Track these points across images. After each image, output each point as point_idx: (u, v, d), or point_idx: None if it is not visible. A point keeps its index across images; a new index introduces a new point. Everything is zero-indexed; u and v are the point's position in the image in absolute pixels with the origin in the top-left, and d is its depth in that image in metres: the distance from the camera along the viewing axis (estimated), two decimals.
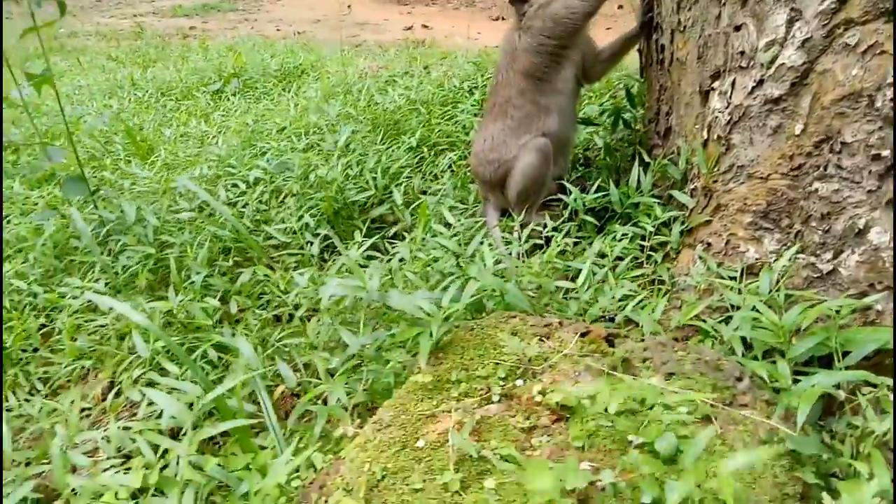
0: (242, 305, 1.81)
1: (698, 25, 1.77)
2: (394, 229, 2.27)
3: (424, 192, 2.53)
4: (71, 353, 1.71)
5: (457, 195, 2.51)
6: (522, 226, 2.16)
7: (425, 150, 2.92)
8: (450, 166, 2.67)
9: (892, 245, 1.27)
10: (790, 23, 1.44)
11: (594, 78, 2.32)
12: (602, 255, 1.87)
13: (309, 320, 1.71)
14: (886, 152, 1.26)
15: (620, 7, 10.61)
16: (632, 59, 2.61)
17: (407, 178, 2.59)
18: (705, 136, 1.73)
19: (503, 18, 10.56)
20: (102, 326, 1.80)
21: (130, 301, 1.77)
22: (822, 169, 1.39)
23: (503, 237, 2.22)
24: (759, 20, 1.53)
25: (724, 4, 1.64)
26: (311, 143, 3.00)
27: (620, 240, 1.88)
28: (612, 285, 1.69)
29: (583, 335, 1.27)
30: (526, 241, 1.99)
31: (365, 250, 1.93)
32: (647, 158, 2.11)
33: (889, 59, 1.27)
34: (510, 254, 1.99)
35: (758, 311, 1.26)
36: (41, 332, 1.90)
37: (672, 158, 1.99)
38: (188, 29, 10.99)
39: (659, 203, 1.94)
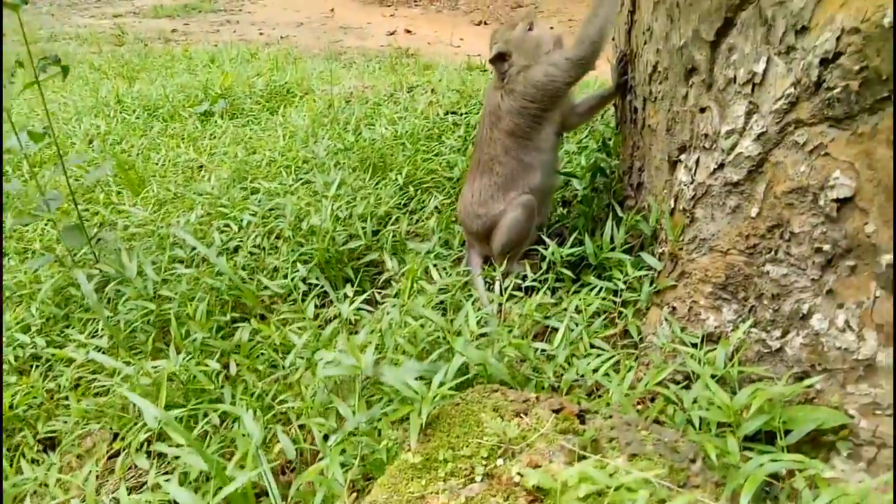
0: (241, 364, 1.92)
1: (667, 100, 1.90)
2: (383, 276, 2.39)
3: (412, 234, 2.65)
4: (77, 413, 1.82)
5: (442, 237, 2.64)
6: (504, 275, 2.30)
7: (412, 189, 3.03)
8: (436, 207, 2.78)
9: (831, 331, 1.41)
10: (748, 114, 1.58)
11: (570, 129, 2.43)
12: (577, 311, 2.00)
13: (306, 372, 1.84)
14: (827, 247, 1.40)
15: None
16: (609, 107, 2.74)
17: (395, 222, 2.70)
18: (672, 205, 1.86)
19: (486, 23, 10.65)
20: (106, 384, 1.91)
21: (133, 362, 1.88)
22: (773, 252, 1.53)
23: (486, 282, 2.35)
24: (721, 107, 1.66)
25: (692, 86, 1.77)
26: (302, 181, 3.09)
27: (597, 294, 2.01)
28: (586, 345, 1.83)
29: (557, 411, 1.40)
30: (506, 292, 2.12)
31: (356, 305, 2.05)
32: (620, 213, 2.24)
33: (832, 161, 1.40)
34: (493, 308, 2.12)
35: (712, 390, 1.40)
36: (45, 387, 1.99)
37: (644, 214, 2.13)
38: (170, 32, 10.96)
39: (631, 258, 2.07)
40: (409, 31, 10.24)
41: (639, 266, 2.00)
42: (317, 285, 2.34)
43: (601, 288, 2.04)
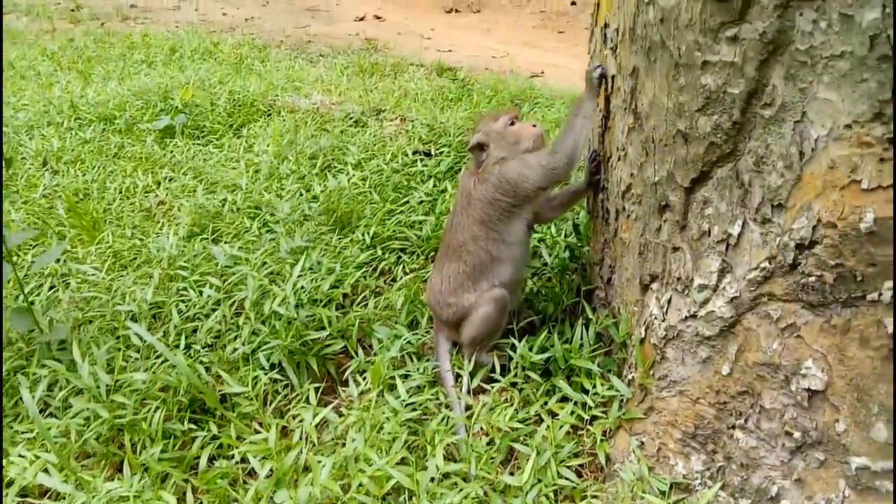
0: (199, 494, 1.86)
1: (640, 223, 1.86)
2: (350, 367, 2.33)
3: (381, 309, 2.59)
4: None
5: (409, 313, 2.59)
6: (474, 366, 2.27)
7: (379, 250, 2.96)
8: (402, 281, 2.72)
9: None
10: (722, 272, 1.55)
11: (543, 223, 2.38)
12: (552, 414, 1.99)
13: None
14: (797, 434, 1.39)
15: (574, 3, 10.61)
16: None
17: (362, 300, 2.64)
18: (643, 334, 1.84)
19: (457, 11, 10.41)
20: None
21: (84, 484, 1.81)
22: (743, 420, 1.52)
23: (455, 374, 2.31)
24: (695, 255, 1.62)
25: (665, 222, 1.73)
26: (266, 237, 3.00)
27: (568, 413, 1.99)
28: (553, 474, 1.82)
29: None
30: (473, 391, 2.11)
31: (320, 418, 2.00)
32: (589, 313, 2.21)
33: (805, 346, 1.38)
34: (462, 407, 2.11)
35: None
36: None
37: (615, 320, 2.11)
38: (128, 8, 10.47)
39: (600, 370, 2.06)
40: (378, 17, 9.96)
41: (608, 386, 1.98)
42: (279, 379, 2.28)
43: (572, 401, 2.02)
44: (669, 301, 1.71)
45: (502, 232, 2.25)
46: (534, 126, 2.27)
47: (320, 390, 2.26)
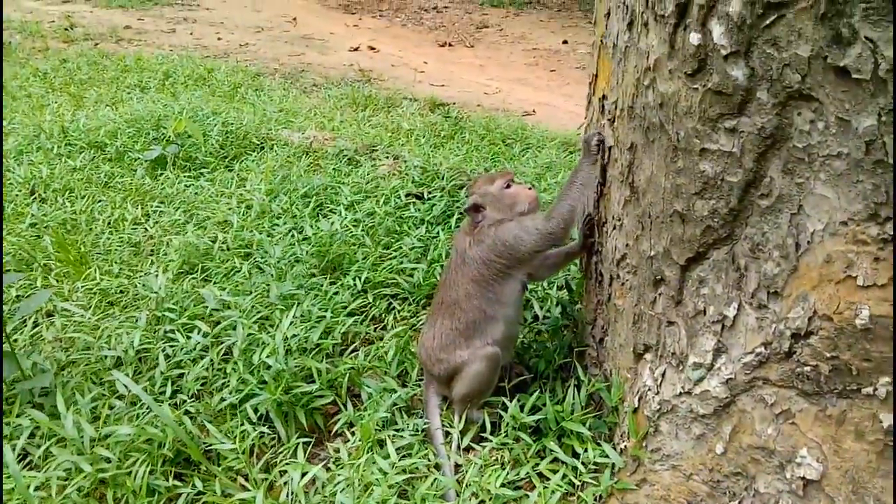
0: None
1: (635, 293, 1.88)
2: (339, 422, 2.31)
3: (371, 358, 2.58)
4: None
5: (399, 363, 2.58)
6: (465, 423, 2.26)
7: (370, 296, 2.95)
8: (394, 330, 2.72)
9: None
10: (717, 352, 1.57)
11: (538, 281, 2.40)
12: (543, 477, 1.99)
13: None
14: None
15: (565, 42, 10.80)
16: None
17: (352, 352, 2.63)
18: (636, 404, 1.85)
19: (450, 45, 10.54)
20: None
21: None
22: (738, 502, 1.52)
23: (445, 431, 2.30)
24: (689, 330, 1.64)
25: (660, 295, 1.75)
26: (255, 281, 2.98)
27: (560, 478, 1.98)
28: None
29: None
30: (464, 444, 2.11)
31: (308, 478, 1.97)
32: (581, 374, 2.22)
33: (800, 434, 1.40)
34: (451, 468, 2.09)
35: None
36: None
37: (607, 383, 2.11)
38: (122, 29, 10.48)
39: (591, 433, 2.06)
40: (372, 48, 10.06)
41: (600, 452, 1.98)
42: (266, 432, 2.25)
43: (563, 465, 2.02)
44: (664, 375, 1.72)
45: (497, 292, 2.26)
46: (530, 188, 2.30)
47: (310, 445, 2.24)
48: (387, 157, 4.51)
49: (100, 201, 4.01)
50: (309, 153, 4.79)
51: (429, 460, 2.16)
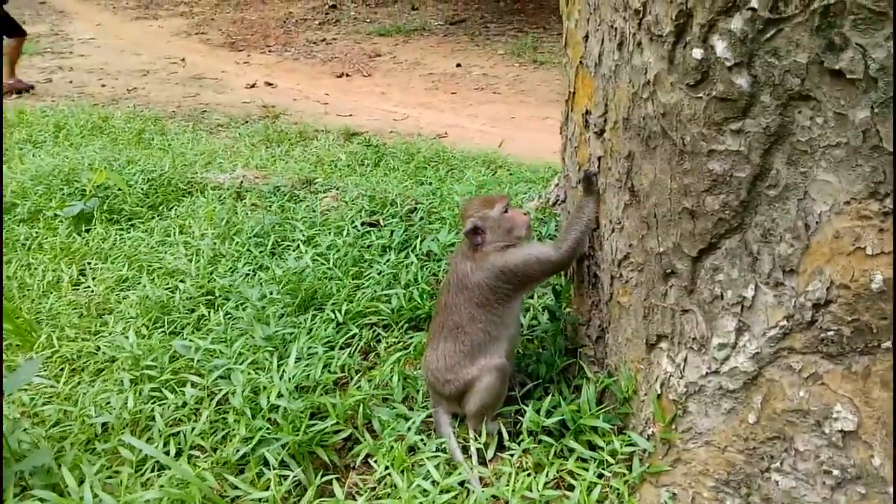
0: None
1: (642, 289, 2.03)
2: (360, 454, 2.31)
3: (374, 387, 2.58)
4: None
5: (404, 390, 2.60)
6: (481, 436, 2.32)
7: (354, 327, 2.95)
8: (394, 357, 2.74)
9: None
10: (739, 331, 1.73)
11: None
12: (572, 475, 2.08)
13: None
14: (836, 472, 1.58)
15: (458, 66, 11.14)
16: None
17: (356, 382, 2.63)
18: (658, 391, 1.99)
19: (347, 75, 10.59)
20: None
21: None
22: (778, 463, 1.69)
23: (460, 444, 2.35)
24: (707, 315, 1.80)
25: (672, 287, 1.91)
26: (236, 329, 2.90)
27: (586, 467, 2.09)
28: None
29: None
30: (489, 456, 2.17)
31: None
32: (588, 372, 2.35)
33: (830, 392, 1.59)
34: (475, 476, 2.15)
35: None
36: None
37: (614, 377, 2.25)
38: None
39: (610, 426, 2.18)
40: (269, 84, 9.93)
41: (627, 441, 2.10)
42: (285, 475, 2.21)
43: (591, 461, 2.12)
44: (686, 359, 1.88)
45: (501, 314, 2.35)
46: (525, 214, 2.43)
47: (330, 482, 2.22)
48: (326, 190, 4.50)
49: (28, 265, 3.74)
50: (241, 194, 4.68)
51: (459, 475, 2.20)
